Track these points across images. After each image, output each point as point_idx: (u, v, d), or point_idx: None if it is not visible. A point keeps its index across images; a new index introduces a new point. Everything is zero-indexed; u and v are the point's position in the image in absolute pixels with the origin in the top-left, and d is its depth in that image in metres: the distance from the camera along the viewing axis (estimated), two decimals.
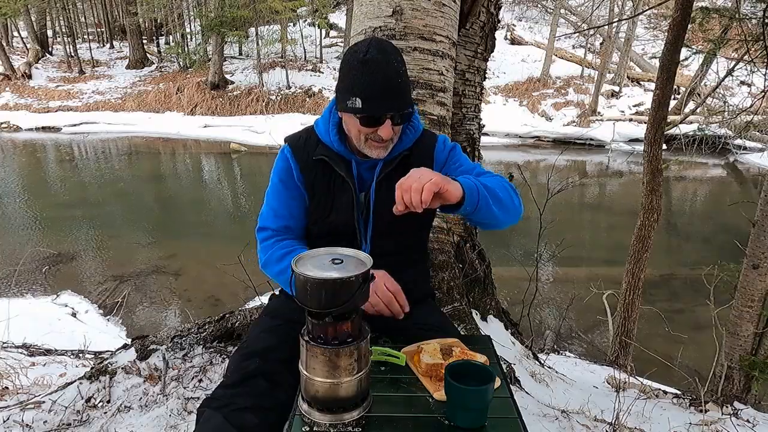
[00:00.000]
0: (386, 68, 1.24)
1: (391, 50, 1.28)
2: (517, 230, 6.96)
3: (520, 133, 14.71)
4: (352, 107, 1.26)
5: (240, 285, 4.08)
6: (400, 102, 1.28)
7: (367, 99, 1.24)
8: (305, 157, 1.41)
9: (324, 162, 1.38)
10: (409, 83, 1.33)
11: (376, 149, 1.33)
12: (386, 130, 1.28)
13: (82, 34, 24.00)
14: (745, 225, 3.25)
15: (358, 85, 1.24)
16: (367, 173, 1.40)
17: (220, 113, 16.23)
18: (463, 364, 1.05)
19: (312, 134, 1.44)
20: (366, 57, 1.24)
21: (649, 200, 3.82)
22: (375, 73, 1.23)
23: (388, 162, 1.39)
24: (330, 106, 1.42)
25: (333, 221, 1.41)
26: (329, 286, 0.94)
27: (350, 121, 1.31)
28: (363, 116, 1.27)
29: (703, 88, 13.16)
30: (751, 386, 3.13)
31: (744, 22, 4.15)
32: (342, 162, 1.38)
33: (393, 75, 1.25)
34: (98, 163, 12.30)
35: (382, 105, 1.25)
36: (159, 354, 2.24)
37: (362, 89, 1.24)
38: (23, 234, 7.13)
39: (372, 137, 1.30)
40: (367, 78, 1.23)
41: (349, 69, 1.27)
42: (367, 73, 1.23)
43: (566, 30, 18.76)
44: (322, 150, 1.39)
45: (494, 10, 2.41)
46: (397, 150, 1.39)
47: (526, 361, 2.80)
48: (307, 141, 1.43)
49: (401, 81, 1.27)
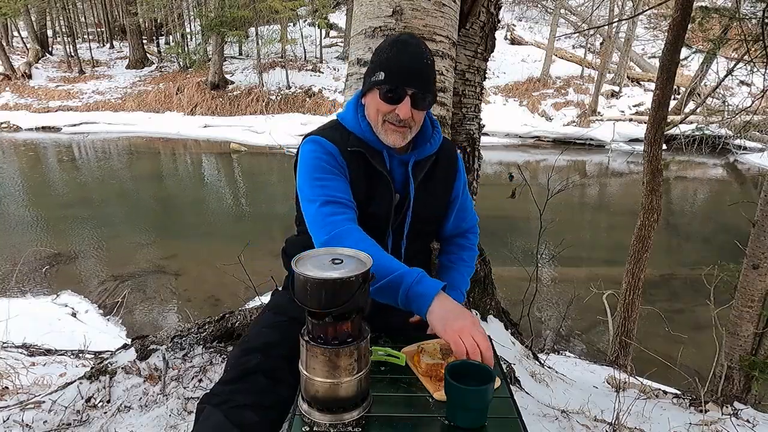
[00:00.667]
0: (414, 49, 1.29)
1: (425, 45, 1.34)
2: (517, 230, 6.96)
3: (520, 133, 14.71)
4: (375, 80, 1.28)
5: (240, 285, 4.09)
6: (422, 82, 1.29)
7: (391, 73, 1.27)
8: (341, 147, 1.35)
9: (359, 154, 1.35)
10: (435, 75, 1.34)
11: (393, 134, 1.32)
12: (405, 108, 1.28)
13: (82, 34, 23.99)
14: (745, 225, 3.25)
15: (384, 60, 1.29)
16: (398, 169, 1.40)
17: (220, 113, 16.22)
18: (463, 364, 1.05)
19: (340, 127, 1.40)
20: (400, 38, 1.31)
21: (649, 200, 3.82)
22: (402, 51, 1.28)
23: (420, 161, 1.40)
24: (354, 99, 1.42)
25: (373, 212, 1.37)
26: (329, 286, 0.94)
27: (372, 101, 1.32)
28: (384, 89, 1.28)
29: (703, 88, 13.17)
30: (751, 386, 3.13)
31: (744, 22, 4.15)
32: (376, 154, 1.37)
33: (419, 56, 1.28)
34: (98, 163, 12.30)
35: (404, 79, 1.27)
36: (159, 354, 2.24)
37: (387, 63, 1.28)
38: (23, 234, 7.12)
39: (390, 118, 1.30)
40: (394, 54, 1.28)
41: (380, 50, 1.32)
42: (395, 50, 1.28)
43: (566, 30, 18.76)
44: (356, 141, 1.36)
45: (494, 10, 2.40)
46: (428, 151, 1.41)
47: (526, 361, 2.80)
48: (340, 133, 1.38)
49: (426, 64, 1.29)
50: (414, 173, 1.39)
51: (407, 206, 1.39)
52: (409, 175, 1.38)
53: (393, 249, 1.43)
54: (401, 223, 1.41)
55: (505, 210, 6.79)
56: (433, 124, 1.46)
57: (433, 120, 1.48)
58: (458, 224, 1.58)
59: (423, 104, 1.31)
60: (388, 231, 1.40)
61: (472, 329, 1.09)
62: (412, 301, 1.15)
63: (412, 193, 1.38)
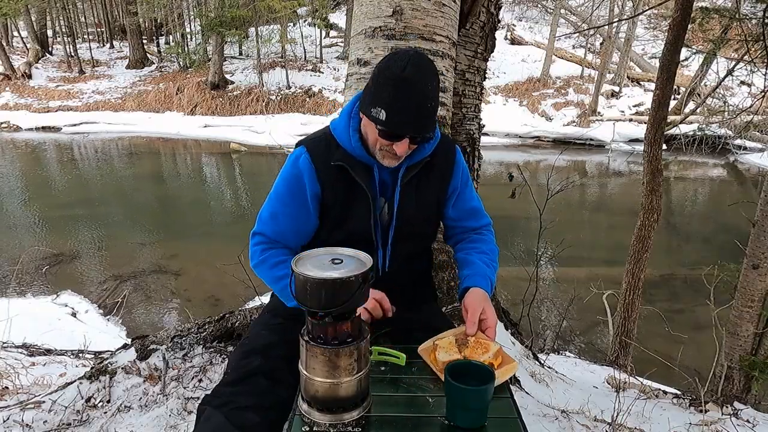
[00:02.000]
0: (420, 91, 1.22)
1: (430, 72, 1.25)
2: (517, 230, 6.96)
3: (520, 133, 14.71)
4: (375, 117, 1.24)
5: (240, 285, 4.09)
6: (423, 126, 1.26)
7: (392, 115, 1.22)
8: (324, 161, 1.36)
9: (342, 167, 1.35)
10: (438, 105, 1.30)
11: (388, 159, 1.32)
12: (402, 147, 1.27)
13: (82, 34, 23.98)
14: (745, 225, 3.25)
15: (387, 98, 1.22)
16: (390, 177, 1.39)
17: (220, 113, 16.22)
18: (463, 364, 1.05)
19: (330, 138, 1.39)
20: (404, 74, 1.20)
21: (649, 200, 3.82)
22: (407, 94, 1.21)
23: (411, 167, 1.38)
24: (347, 108, 1.39)
25: (350, 229, 1.39)
26: (329, 286, 0.94)
27: (369, 127, 1.30)
28: (383, 130, 1.25)
29: (703, 88, 13.16)
30: (751, 386, 3.13)
31: (744, 22, 4.15)
32: (362, 169, 1.36)
33: (423, 100, 1.23)
34: (98, 162, 12.30)
35: (405, 126, 1.24)
36: (159, 354, 2.24)
37: (390, 104, 1.22)
38: (23, 234, 7.13)
39: (387, 149, 1.30)
40: (399, 95, 1.21)
41: (385, 79, 1.23)
42: (400, 90, 1.21)
43: (566, 30, 18.75)
44: (341, 156, 1.35)
45: (494, 10, 2.40)
46: (419, 157, 1.38)
47: (526, 361, 2.80)
48: (327, 145, 1.39)
49: (430, 106, 1.25)
50: (403, 178, 1.37)
51: (390, 212, 1.38)
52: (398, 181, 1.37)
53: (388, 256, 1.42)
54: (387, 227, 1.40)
55: (505, 210, 6.79)
56: None
57: None
58: (469, 223, 1.55)
59: (421, 141, 1.31)
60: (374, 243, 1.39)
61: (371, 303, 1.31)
62: None
63: (397, 197, 1.37)
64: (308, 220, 1.41)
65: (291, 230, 1.41)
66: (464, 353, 1.20)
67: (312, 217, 1.40)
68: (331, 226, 1.42)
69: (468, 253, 1.49)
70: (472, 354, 1.19)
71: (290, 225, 1.40)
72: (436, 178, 1.44)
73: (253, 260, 1.42)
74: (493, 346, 1.21)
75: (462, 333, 1.27)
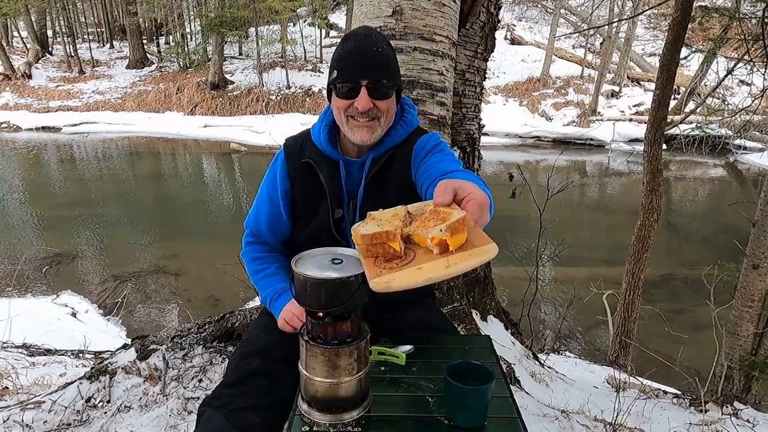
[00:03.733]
0: (363, 40, 1.27)
1: (376, 33, 1.33)
2: (517, 230, 6.95)
3: (520, 133, 14.70)
4: (331, 79, 1.28)
5: (240, 285, 4.09)
6: (374, 70, 1.25)
7: (343, 68, 1.26)
8: (296, 158, 1.40)
9: (310, 164, 1.36)
10: (394, 64, 1.31)
11: (360, 130, 1.28)
12: (362, 100, 1.24)
13: (82, 34, 23.99)
14: (745, 225, 3.25)
15: (336, 57, 1.28)
16: (358, 172, 1.37)
17: (220, 113, 16.22)
18: (463, 364, 1.05)
19: (307, 136, 1.43)
20: (349, 33, 1.31)
21: (649, 200, 3.82)
22: (351, 45, 1.27)
23: (376, 159, 1.35)
24: (325, 109, 1.41)
25: (311, 229, 1.39)
26: (329, 286, 0.94)
27: (334, 102, 1.31)
28: (339, 86, 1.26)
29: (703, 88, 13.16)
30: (751, 386, 3.13)
31: (744, 22, 4.15)
32: (327, 164, 1.35)
33: (369, 45, 1.26)
34: (98, 163, 12.30)
35: (354, 72, 1.25)
36: (159, 354, 2.24)
37: (338, 60, 1.27)
38: (23, 234, 7.13)
39: (351, 113, 1.27)
40: (344, 49, 1.27)
41: (336, 49, 1.31)
42: (346, 45, 1.28)
43: (566, 30, 18.75)
44: (311, 152, 1.38)
45: (494, 10, 2.41)
46: (387, 144, 1.35)
47: (526, 361, 2.80)
48: (302, 143, 1.42)
49: (378, 51, 1.26)
50: (368, 173, 1.34)
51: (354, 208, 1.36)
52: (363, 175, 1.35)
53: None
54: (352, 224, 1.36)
55: (504, 210, 6.78)
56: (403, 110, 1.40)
57: (405, 107, 1.41)
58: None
59: (382, 92, 1.26)
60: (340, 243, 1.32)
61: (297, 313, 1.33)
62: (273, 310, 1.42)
63: (360, 194, 1.35)
64: (280, 219, 1.45)
65: (268, 228, 1.48)
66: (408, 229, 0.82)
67: (283, 216, 1.44)
68: (302, 223, 1.43)
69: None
70: (418, 229, 0.81)
71: (267, 223, 1.47)
72: (398, 165, 1.36)
73: (242, 251, 1.56)
74: (456, 214, 0.77)
75: (425, 204, 0.91)
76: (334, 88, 1.28)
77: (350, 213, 1.36)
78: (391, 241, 0.77)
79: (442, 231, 0.74)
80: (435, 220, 0.77)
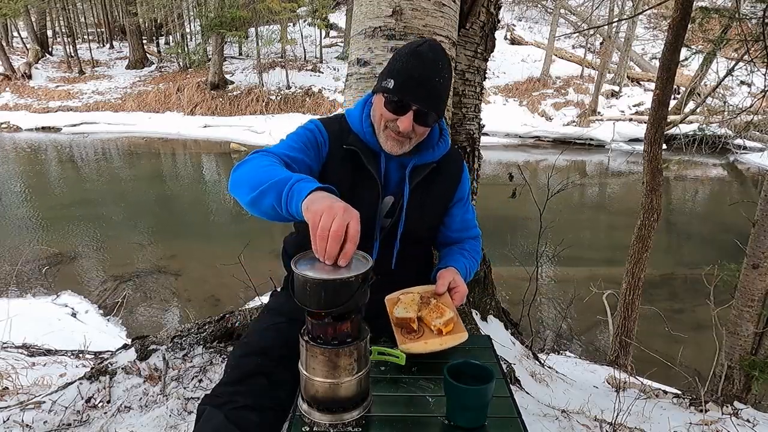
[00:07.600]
0: (431, 65, 1.24)
1: (444, 55, 1.28)
2: (517, 230, 6.96)
3: (520, 133, 14.71)
4: (385, 86, 1.26)
5: (240, 285, 4.09)
6: (430, 101, 1.26)
7: (401, 84, 1.24)
8: (337, 142, 1.36)
9: (353, 153, 1.35)
10: (447, 95, 1.31)
11: (391, 141, 1.31)
12: (406, 122, 1.25)
13: (82, 34, 23.99)
14: (745, 225, 3.25)
15: (398, 67, 1.25)
16: (395, 172, 1.38)
17: (220, 113, 16.23)
18: (463, 364, 1.05)
19: (344, 123, 1.41)
20: (418, 49, 1.25)
21: (649, 200, 3.82)
22: (418, 64, 1.24)
23: (419, 167, 1.37)
24: (363, 98, 1.42)
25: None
26: (329, 286, 0.94)
27: (378, 103, 1.30)
28: (389, 98, 1.26)
29: (703, 88, 13.16)
30: (751, 386, 3.13)
31: (744, 22, 4.16)
32: (371, 155, 1.35)
33: (433, 74, 1.25)
34: (98, 163, 12.30)
35: (411, 94, 1.24)
36: (159, 354, 2.24)
37: (400, 73, 1.24)
38: (23, 234, 7.12)
39: (391, 126, 1.29)
40: (409, 65, 1.24)
41: (399, 55, 1.28)
42: (412, 61, 1.24)
43: (566, 30, 18.76)
44: (354, 140, 1.36)
45: (494, 10, 2.40)
46: (429, 158, 1.38)
47: (526, 361, 2.80)
48: (340, 128, 1.39)
49: (440, 83, 1.26)
50: (411, 177, 1.37)
51: (400, 209, 1.37)
52: (405, 178, 1.36)
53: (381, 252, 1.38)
54: (395, 225, 1.38)
55: (505, 210, 6.79)
56: (442, 132, 1.44)
57: (444, 129, 1.45)
58: (461, 234, 1.55)
59: (426, 121, 1.28)
60: (373, 234, 1.37)
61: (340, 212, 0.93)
62: (292, 196, 1.04)
63: (406, 196, 1.36)
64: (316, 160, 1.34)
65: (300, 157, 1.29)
66: (421, 313, 1.29)
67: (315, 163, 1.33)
68: None
69: (450, 249, 1.55)
70: (427, 315, 1.28)
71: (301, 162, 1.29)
72: (444, 184, 1.45)
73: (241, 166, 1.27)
74: (449, 313, 1.27)
75: (431, 291, 1.35)
76: (384, 96, 1.27)
77: (397, 211, 1.38)
78: (411, 323, 1.27)
79: (440, 323, 1.26)
80: (437, 312, 1.29)
